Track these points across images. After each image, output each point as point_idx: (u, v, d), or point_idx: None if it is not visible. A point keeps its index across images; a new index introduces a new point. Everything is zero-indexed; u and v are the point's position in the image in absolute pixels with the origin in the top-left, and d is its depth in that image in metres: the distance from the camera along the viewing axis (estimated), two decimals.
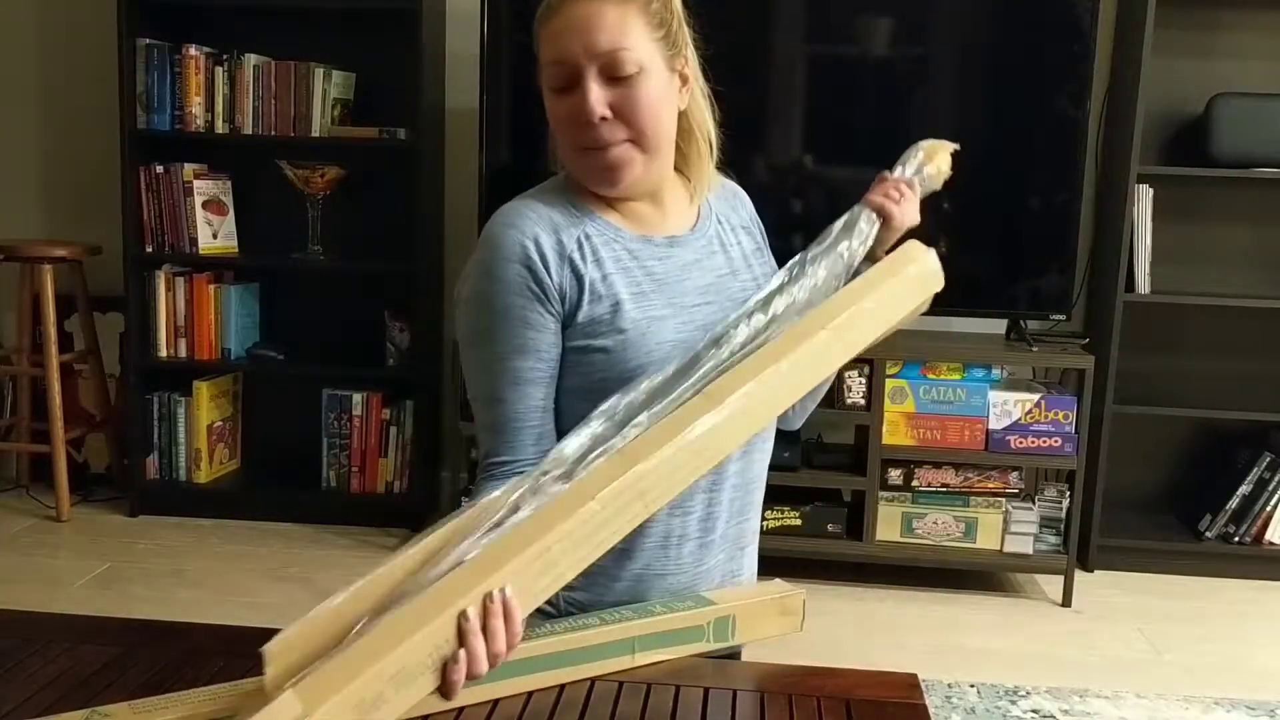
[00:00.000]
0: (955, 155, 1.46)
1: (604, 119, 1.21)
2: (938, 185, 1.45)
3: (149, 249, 3.61)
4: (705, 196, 1.37)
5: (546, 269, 1.22)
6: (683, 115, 1.30)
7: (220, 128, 3.54)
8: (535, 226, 1.24)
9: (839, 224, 1.31)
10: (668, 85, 1.25)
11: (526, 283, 1.22)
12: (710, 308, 1.30)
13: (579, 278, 1.24)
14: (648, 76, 1.22)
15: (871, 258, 1.33)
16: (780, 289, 1.22)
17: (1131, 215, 3.34)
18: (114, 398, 3.86)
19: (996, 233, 3.33)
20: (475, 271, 1.26)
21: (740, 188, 1.46)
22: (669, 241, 1.31)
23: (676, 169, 1.35)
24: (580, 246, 1.25)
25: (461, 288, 1.28)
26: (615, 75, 1.21)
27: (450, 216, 3.73)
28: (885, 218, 1.34)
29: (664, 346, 1.24)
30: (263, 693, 0.92)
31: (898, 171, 1.41)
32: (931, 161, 1.44)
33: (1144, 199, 3.37)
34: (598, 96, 1.20)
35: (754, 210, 1.47)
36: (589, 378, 1.24)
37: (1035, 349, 3.27)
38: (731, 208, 1.42)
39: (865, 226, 1.32)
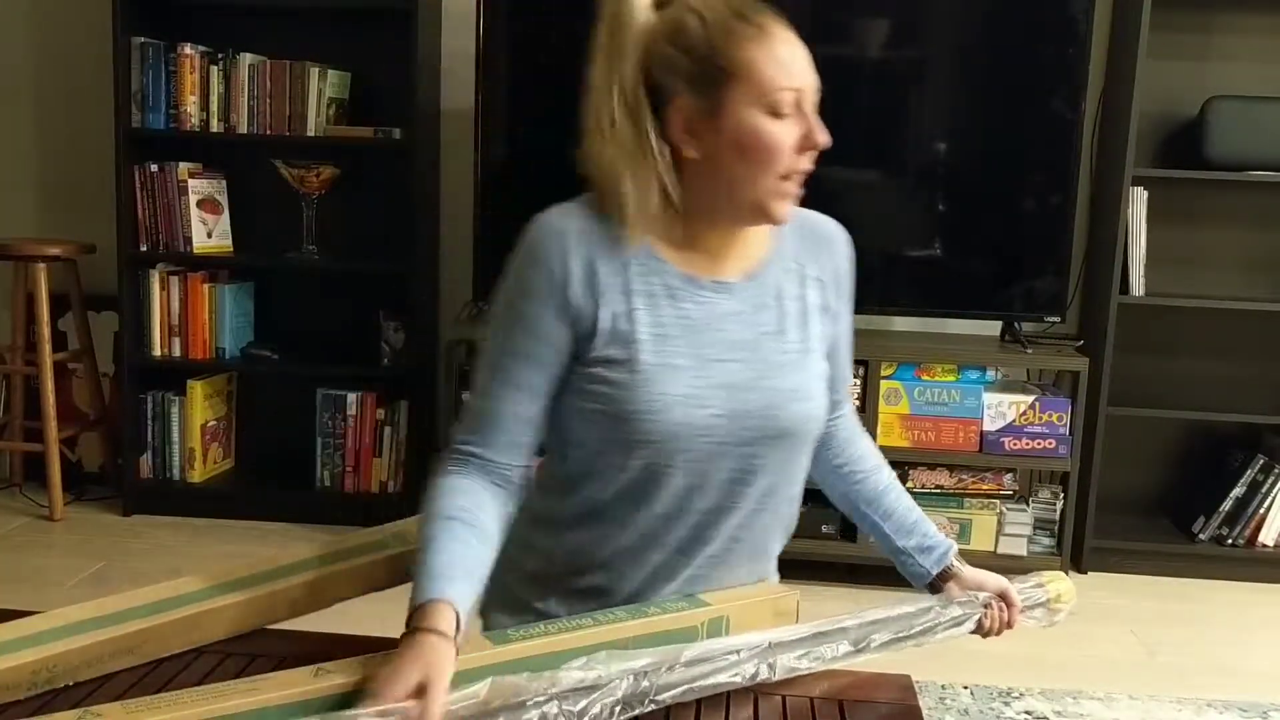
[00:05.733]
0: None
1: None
2: (1044, 622, 1.49)
3: (143, 248, 3.60)
4: (784, 235, 1.31)
5: (570, 288, 1.21)
6: None
7: (215, 127, 3.53)
8: (573, 243, 1.22)
9: (944, 609, 1.34)
10: None
11: (548, 295, 1.21)
12: (737, 366, 1.24)
13: (601, 307, 1.21)
14: None
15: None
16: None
17: (1126, 217, 3.35)
18: (108, 397, 3.85)
19: (991, 235, 3.33)
20: (510, 268, 1.25)
21: (843, 234, 1.37)
22: (716, 286, 1.26)
23: None
24: (613, 276, 1.22)
25: (502, 278, 1.27)
26: (815, 113, 1.23)
27: (445, 216, 3.73)
28: (980, 630, 1.38)
29: (668, 398, 1.20)
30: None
31: (1025, 598, 1.44)
32: (1057, 602, 1.49)
33: (1138, 201, 3.37)
34: (822, 128, 1.21)
35: (846, 261, 1.37)
36: (592, 403, 1.23)
37: (1030, 351, 3.28)
38: (816, 256, 1.33)
39: (963, 623, 1.36)
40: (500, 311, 1.25)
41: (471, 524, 1.17)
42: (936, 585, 1.41)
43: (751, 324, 1.26)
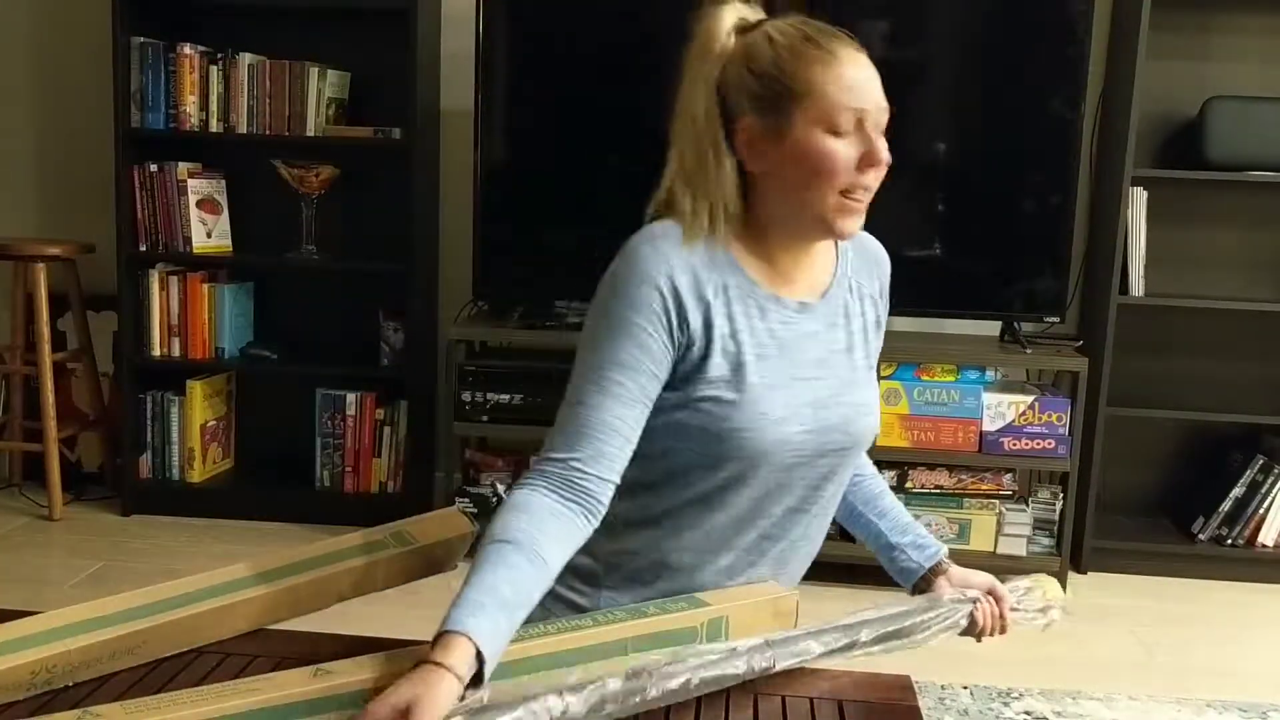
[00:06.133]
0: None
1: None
2: (1037, 625, 1.50)
3: (143, 248, 3.60)
4: (845, 256, 1.39)
5: (681, 304, 1.24)
6: None
7: (215, 126, 3.53)
8: (678, 261, 1.25)
9: (935, 604, 1.36)
10: None
11: (655, 306, 1.23)
12: (820, 384, 1.31)
13: (710, 327, 1.25)
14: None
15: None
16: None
17: (1125, 218, 3.35)
18: (107, 397, 3.85)
19: (991, 235, 3.33)
20: (608, 282, 1.27)
21: (884, 253, 1.45)
22: (799, 307, 1.31)
23: None
24: (717, 296, 1.26)
25: (597, 293, 1.28)
26: (879, 133, 1.27)
27: (445, 216, 3.73)
28: (974, 631, 1.40)
29: (770, 416, 1.25)
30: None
31: (1015, 599, 1.46)
32: (1045, 599, 1.50)
33: (1138, 201, 3.37)
34: (884, 146, 1.26)
35: (888, 278, 1.45)
36: (694, 419, 1.25)
37: (1029, 351, 3.28)
38: (869, 273, 1.41)
39: (957, 621, 1.37)
40: (604, 323, 1.24)
41: (526, 548, 1.13)
42: (925, 582, 1.45)
43: (825, 343, 1.33)
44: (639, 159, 1.53)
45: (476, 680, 1.04)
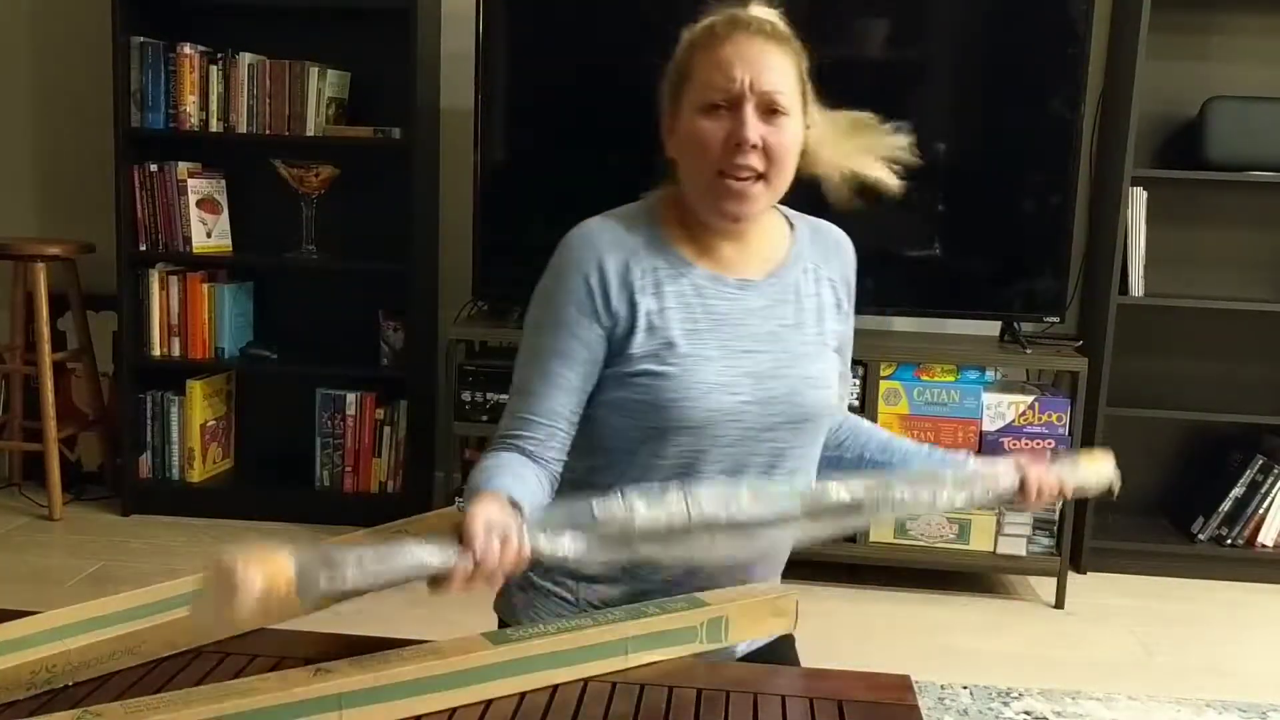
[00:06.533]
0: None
1: (754, 146, 1.27)
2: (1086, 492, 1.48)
3: (143, 247, 3.60)
4: (801, 239, 1.42)
5: (606, 291, 1.31)
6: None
7: (215, 126, 3.53)
8: (608, 248, 1.33)
9: (978, 469, 1.33)
10: (799, 133, 1.32)
11: (582, 295, 1.31)
12: (763, 356, 1.34)
13: (634, 306, 1.31)
14: (790, 121, 1.30)
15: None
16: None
17: (1125, 218, 3.35)
18: (107, 396, 3.85)
19: (991, 235, 3.33)
20: (548, 271, 1.35)
21: (848, 242, 1.48)
22: (740, 284, 1.36)
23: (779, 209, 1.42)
24: (644, 277, 1.32)
25: (542, 277, 1.37)
26: (769, 112, 1.28)
27: (445, 216, 3.73)
28: (1023, 495, 1.36)
29: (704, 385, 1.30)
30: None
31: (1061, 471, 1.42)
32: (1092, 472, 1.49)
33: (1138, 202, 3.37)
34: (754, 125, 1.27)
35: (852, 267, 1.47)
36: (633, 395, 1.31)
37: (1029, 351, 3.28)
38: (825, 257, 1.44)
39: (998, 487, 1.34)
40: (538, 314, 1.34)
41: (518, 470, 1.26)
42: None
43: (772, 318, 1.36)
44: (638, 159, 1.54)
45: None
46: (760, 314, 1.35)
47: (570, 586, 1.38)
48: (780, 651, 1.40)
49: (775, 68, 1.29)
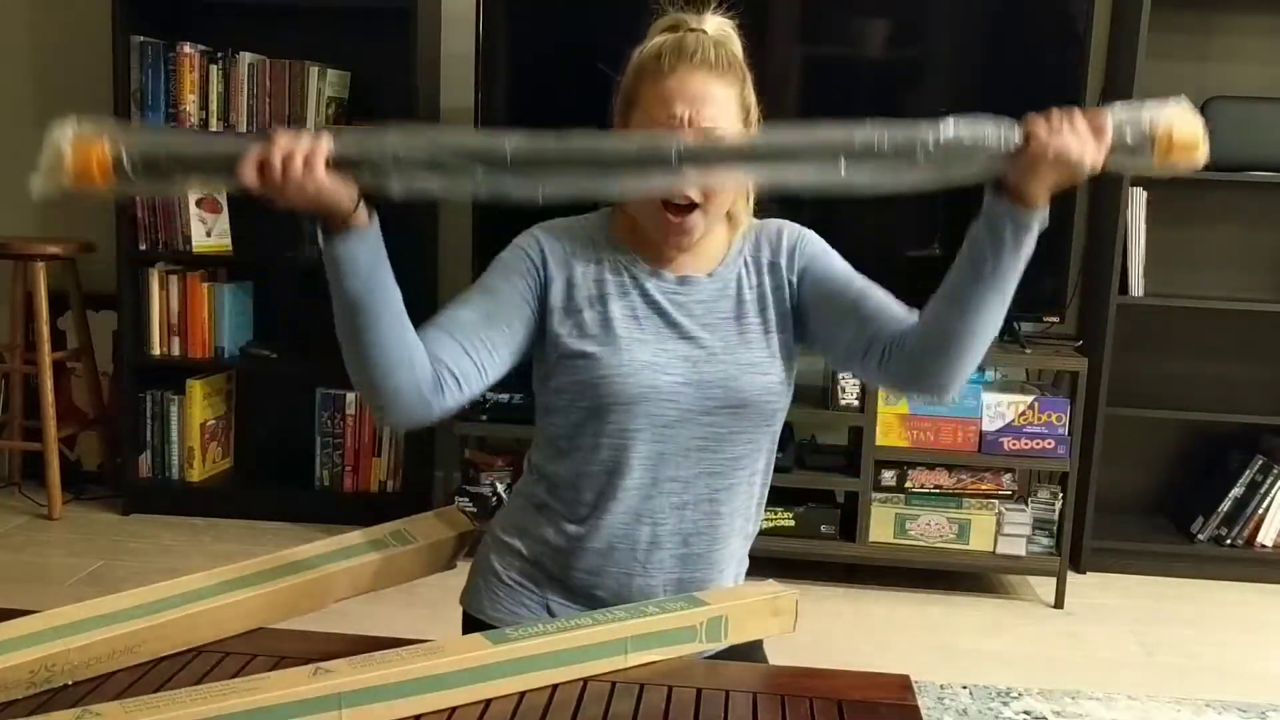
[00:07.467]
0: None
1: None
2: (1156, 160, 1.21)
3: (142, 247, 3.60)
4: (742, 235, 1.45)
5: (546, 261, 1.39)
6: None
7: (215, 126, 3.53)
8: (559, 233, 1.42)
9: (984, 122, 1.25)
10: None
11: (523, 258, 1.40)
12: (698, 342, 1.38)
13: (573, 286, 1.39)
14: None
15: (1001, 183, 1.34)
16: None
17: (1125, 218, 3.35)
18: (106, 396, 3.85)
19: None
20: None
21: (785, 224, 1.49)
22: (679, 280, 1.41)
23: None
24: (587, 265, 1.40)
25: None
26: None
27: (444, 215, 3.73)
28: (1028, 136, 1.27)
29: (636, 363, 1.35)
30: None
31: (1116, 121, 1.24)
32: (1160, 122, 1.22)
33: (1138, 202, 3.37)
34: None
35: (796, 242, 1.46)
36: (569, 379, 1.37)
37: (1028, 351, 3.28)
38: (759, 246, 1.46)
39: (1000, 131, 1.24)
40: (482, 275, 1.42)
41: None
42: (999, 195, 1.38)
43: (711, 310, 1.41)
44: None
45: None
46: (700, 307, 1.40)
47: (532, 588, 1.43)
48: (745, 649, 1.38)
49: (717, 100, 1.32)
